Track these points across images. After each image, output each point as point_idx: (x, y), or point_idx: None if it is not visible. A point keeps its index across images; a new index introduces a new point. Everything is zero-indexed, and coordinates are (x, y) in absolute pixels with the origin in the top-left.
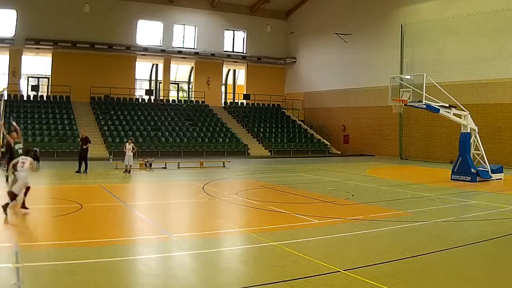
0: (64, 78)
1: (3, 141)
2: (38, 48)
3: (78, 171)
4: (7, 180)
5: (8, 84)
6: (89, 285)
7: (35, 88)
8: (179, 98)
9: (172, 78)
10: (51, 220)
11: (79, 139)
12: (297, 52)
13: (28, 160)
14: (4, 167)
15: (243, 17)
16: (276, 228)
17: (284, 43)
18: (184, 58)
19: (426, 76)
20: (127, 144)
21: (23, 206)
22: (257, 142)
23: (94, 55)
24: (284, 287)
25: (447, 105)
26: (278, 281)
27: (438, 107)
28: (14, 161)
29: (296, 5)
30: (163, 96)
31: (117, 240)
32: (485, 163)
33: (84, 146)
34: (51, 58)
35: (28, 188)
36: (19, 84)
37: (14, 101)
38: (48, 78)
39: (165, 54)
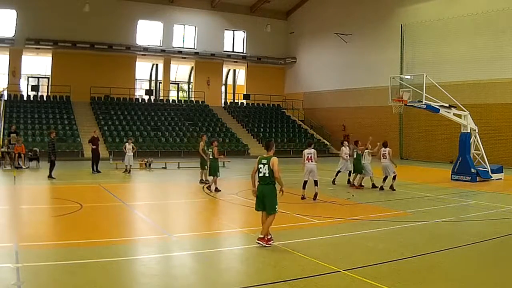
0: (64, 78)
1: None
2: (38, 48)
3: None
4: None
5: (8, 84)
6: (89, 285)
7: (35, 88)
8: (179, 98)
9: (172, 78)
10: (51, 220)
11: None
12: (297, 52)
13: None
14: (4, 167)
15: (243, 17)
16: (276, 228)
17: (284, 43)
18: (184, 58)
19: (426, 76)
20: (127, 144)
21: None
22: (257, 142)
23: (94, 55)
24: (284, 287)
25: (447, 105)
26: (278, 281)
27: (438, 107)
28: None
29: (296, 5)
30: (163, 96)
31: (117, 240)
32: (485, 163)
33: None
34: (51, 58)
35: None
36: (19, 84)
37: (14, 101)
38: (48, 78)
39: (165, 54)
